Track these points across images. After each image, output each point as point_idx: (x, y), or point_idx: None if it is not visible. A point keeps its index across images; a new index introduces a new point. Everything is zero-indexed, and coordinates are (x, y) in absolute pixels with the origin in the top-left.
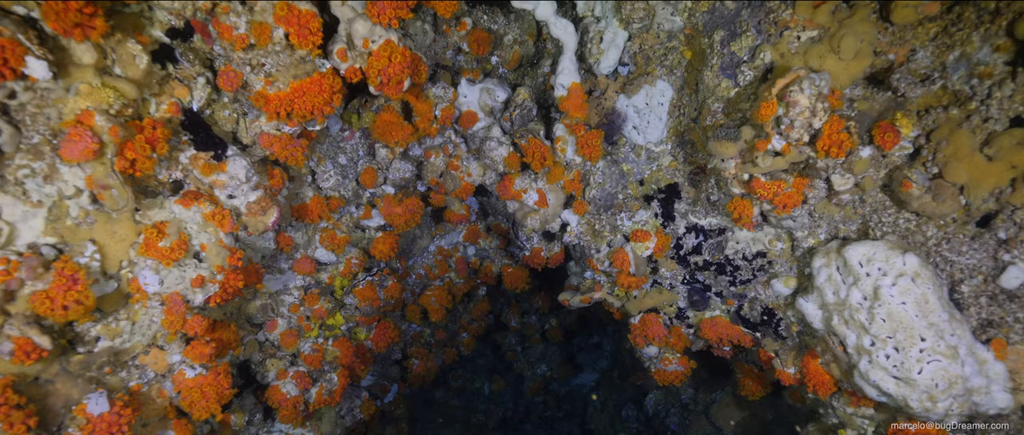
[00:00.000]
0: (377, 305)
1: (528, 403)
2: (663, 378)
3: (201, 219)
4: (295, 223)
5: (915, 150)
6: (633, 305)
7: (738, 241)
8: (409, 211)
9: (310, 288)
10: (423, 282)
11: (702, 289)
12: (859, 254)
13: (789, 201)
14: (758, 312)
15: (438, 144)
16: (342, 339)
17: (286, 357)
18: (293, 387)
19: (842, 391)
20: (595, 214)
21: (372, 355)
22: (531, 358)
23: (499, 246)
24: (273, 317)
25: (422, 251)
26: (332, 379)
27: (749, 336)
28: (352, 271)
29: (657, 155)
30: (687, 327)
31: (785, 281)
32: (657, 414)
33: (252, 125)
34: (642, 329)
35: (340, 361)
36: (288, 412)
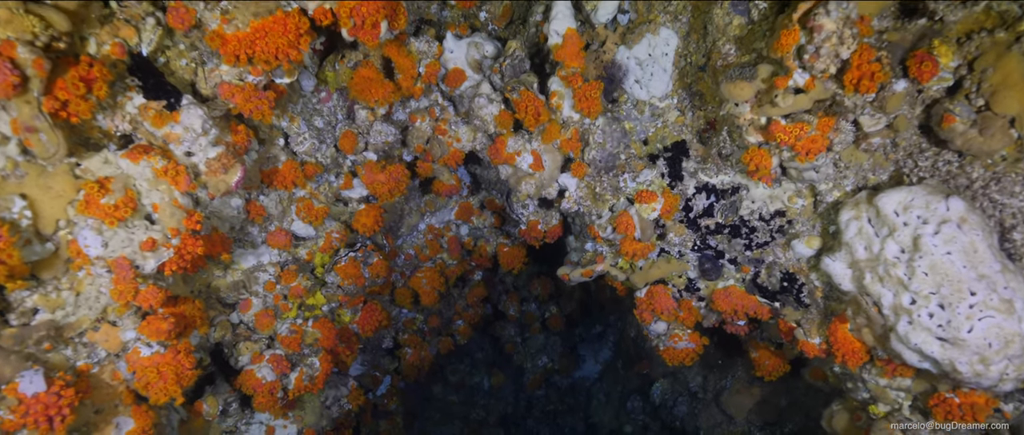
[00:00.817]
0: (362, 284)
1: (529, 397)
2: (673, 357)
3: (152, 175)
4: (267, 191)
5: (956, 82)
6: (639, 277)
7: (754, 200)
8: (393, 179)
9: (287, 264)
10: (413, 263)
11: (714, 256)
12: (894, 202)
13: (813, 146)
14: (777, 278)
15: (424, 107)
16: (323, 320)
17: (262, 340)
18: (269, 372)
19: (875, 360)
20: (595, 176)
21: (359, 340)
22: (531, 349)
23: (494, 225)
24: (247, 296)
25: (412, 229)
26: (313, 364)
27: (766, 307)
28: (333, 246)
29: (662, 111)
30: (698, 300)
31: (807, 241)
32: (664, 404)
33: (212, 75)
34: (649, 303)
35: (322, 344)
36: (265, 399)
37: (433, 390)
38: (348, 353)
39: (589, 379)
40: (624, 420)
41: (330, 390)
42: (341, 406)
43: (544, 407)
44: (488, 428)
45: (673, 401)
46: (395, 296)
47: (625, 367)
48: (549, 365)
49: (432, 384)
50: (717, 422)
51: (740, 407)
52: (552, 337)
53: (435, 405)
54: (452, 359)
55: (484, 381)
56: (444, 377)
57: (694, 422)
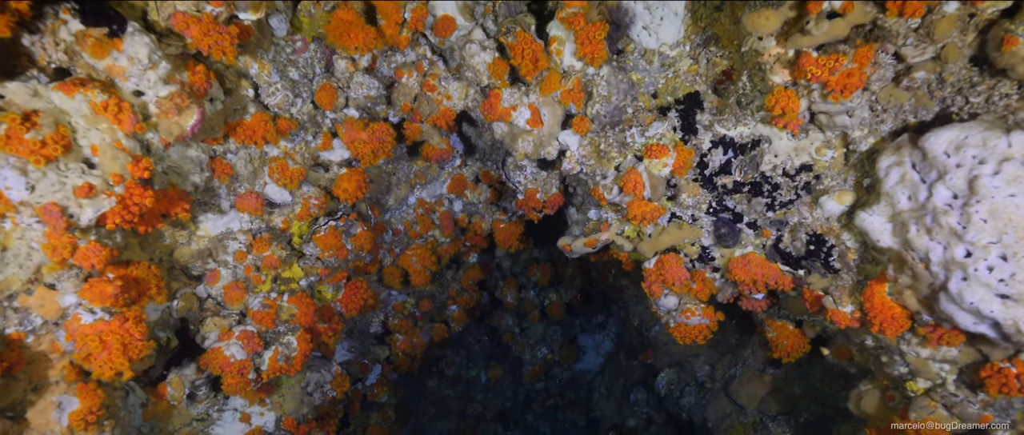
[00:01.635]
0: (344, 256)
1: (528, 391)
2: (684, 334)
3: (89, 111)
4: (234, 148)
5: (1015, 2)
6: (647, 245)
7: (777, 153)
8: (376, 139)
9: (259, 233)
10: (403, 241)
11: (731, 220)
12: (944, 141)
13: (849, 81)
14: (802, 242)
15: (411, 61)
16: (301, 295)
17: (232, 315)
18: (239, 350)
19: (916, 329)
20: (599, 132)
21: (342, 321)
22: (530, 339)
23: (489, 200)
24: (214, 266)
25: (400, 203)
26: (290, 343)
27: (789, 276)
28: (311, 214)
29: (673, 60)
30: (713, 271)
31: (838, 197)
32: (670, 394)
33: (165, 5)
34: (659, 273)
35: (299, 321)
36: (234, 380)
37: (428, 384)
38: (331, 334)
39: (590, 372)
40: (627, 414)
41: (312, 374)
42: (324, 393)
43: (544, 401)
44: (485, 423)
45: (680, 392)
46: (383, 276)
47: (628, 358)
48: (549, 356)
49: (427, 377)
50: (726, 413)
51: (751, 396)
52: (552, 326)
53: (430, 399)
54: (447, 350)
55: (481, 374)
56: (439, 370)
57: (702, 413)
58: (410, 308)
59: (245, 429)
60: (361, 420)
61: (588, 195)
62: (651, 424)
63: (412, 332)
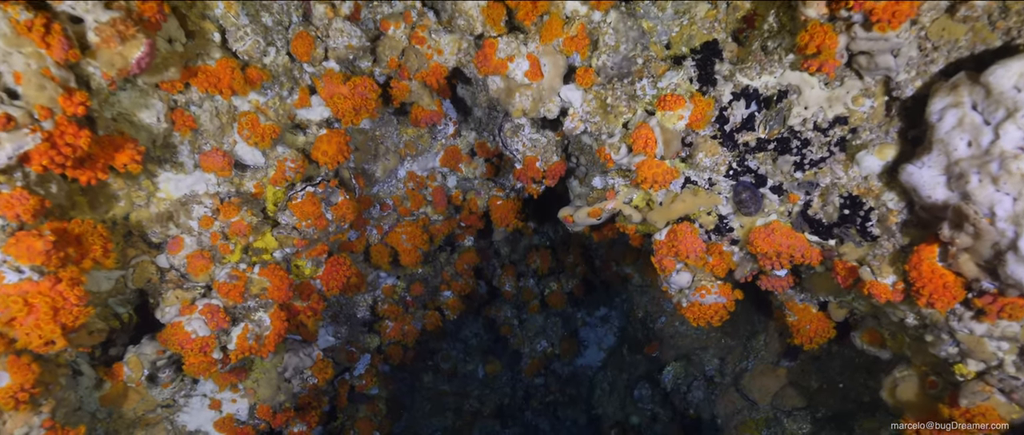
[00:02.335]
0: (323, 227)
1: (527, 386)
2: (698, 314)
3: (10, 31)
4: (198, 99)
5: None
6: (658, 214)
7: (807, 105)
8: (358, 94)
9: (229, 197)
10: (392, 217)
11: (753, 184)
12: (1014, 74)
13: (899, 7)
14: (835, 206)
15: (398, 11)
16: (274, 268)
17: (196, 288)
18: (201, 325)
19: (970, 302)
20: (606, 85)
21: (323, 300)
22: (529, 332)
23: (485, 175)
24: (177, 233)
25: (389, 174)
26: (262, 320)
27: (817, 248)
28: (286, 178)
29: (688, 5)
30: (731, 243)
31: (878, 151)
32: (677, 389)
33: None
34: (671, 245)
35: (272, 296)
36: (196, 360)
37: (422, 378)
38: (310, 314)
39: (592, 367)
40: (631, 410)
41: (290, 358)
42: (304, 379)
43: (543, 398)
44: (483, 420)
45: (687, 386)
46: (370, 255)
47: (632, 352)
48: (549, 350)
49: (421, 371)
50: (737, 409)
51: (764, 390)
52: (552, 318)
53: (425, 395)
54: (443, 343)
55: (478, 369)
56: (434, 364)
57: (711, 409)
58: (400, 292)
59: (214, 417)
60: (349, 413)
61: (592, 163)
62: (656, 421)
63: (403, 318)
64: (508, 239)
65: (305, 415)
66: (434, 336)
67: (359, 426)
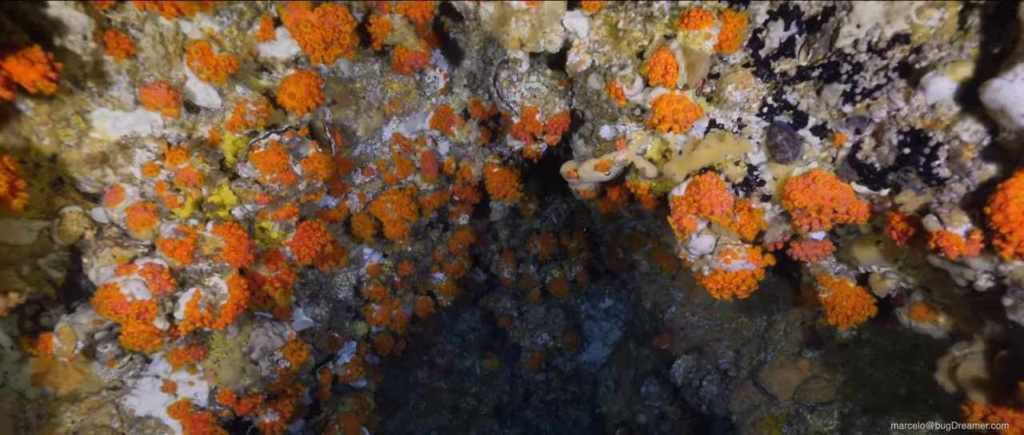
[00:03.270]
0: (291, 183)
1: (527, 383)
2: (722, 284)
3: None
4: (136, 19)
5: None
6: (677, 165)
7: (859, 22)
8: (329, 24)
9: (178, 142)
10: (376, 184)
11: (791, 125)
12: None
13: None
14: (892, 145)
15: None
16: (231, 226)
17: (139, 247)
18: (140, 288)
19: None
20: (617, 6)
21: (294, 270)
22: (530, 324)
23: (480, 141)
24: (115, 180)
25: (372, 134)
26: (217, 287)
27: (865, 203)
28: (247, 123)
29: None
30: (762, 199)
31: (950, 71)
32: (688, 384)
33: None
34: (692, 199)
35: (229, 259)
36: (135, 329)
37: (417, 374)
38: (278, 285)
39: (596, 364)
40: (638, 408)
41: (258, 336)
42: (274, 362)
43: (544, 395)
44: (480, 419)
45: (699, 381)
46: (351, 226)
47: (639, 346)
48: (550, 343)
49: (415, 367)
50: (754, 404)
51: (784, 384)
52: (554, 309)
53: (419, 391)
54: (439, 338)
55: (476, 365)
56: (429, 359)
57: (725, 405)
58: (387, 272)
59: (168, 401)
60: (333, 406)
61: (600, 116)
62: (664, 420)
63: (390, 302)
64: (507, 221)
65: (278, 404)
66: (427, 326)
67: (344, 420)
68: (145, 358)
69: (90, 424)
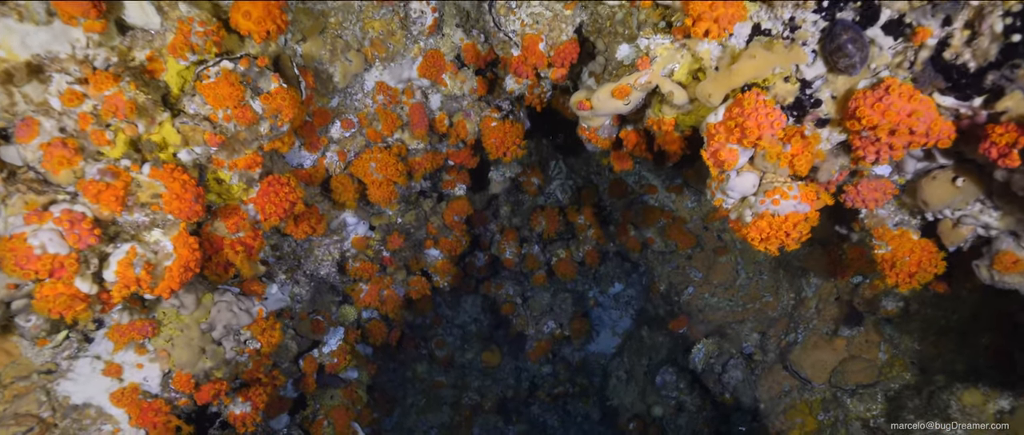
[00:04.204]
0: (249, 123)
1: (533, 376)
2: (768, 232)
3: None
4: None
5: None
6: (715, 84)
7: None
8: None
9: (106, 66)
10: (358, 141)
11: (857, 24)
12: None
13: None
14: (994, 33)
15: None
16: (172, 169)
17: (60, 193)
18: (54, 239)
19: None
20: None
21: (260, 233)
22: (535, 310)
23: (476, 93)
24: (26, 111)
25: (350, 80)
26: (160, 245)
27: (949, 121)
28: (192, 46)
29: None
30: (817, 124)
31: None
32: (710, 370)
33: None
34: (732, 125)
35: (171, 210)
36: (50, 292)
37: (416, 368)
38: (239, 250)
39: (605, 355)
40: (653, 400)
41: (220, 312)
42: (240, 342)
43: (551, 389)
44: (483, 415)
45: (722, 367)
46: (330, 188)
47: (652, 333)
48: (557, 331)
49: (414, 361)
50: (784, 390)
51: (819, 366)
52: (560, 294)
53: (418, 387)
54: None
55: (477, 358)
56: (428, 352)
57: (752, 392)
58: (375, 245)
59: (111, 386)
60: (320, 398)
61: (614, 42)
62: (682, 411)
63: (380, 281)
64: (509, 196)
65: (250, 393)
66: (424, 315)
67: (333, 415)
68: (85, 336)
69: (12, 414)
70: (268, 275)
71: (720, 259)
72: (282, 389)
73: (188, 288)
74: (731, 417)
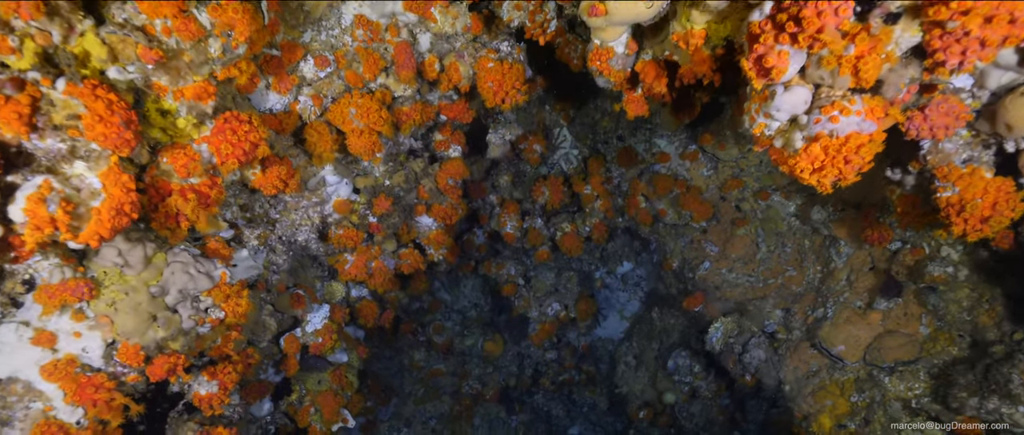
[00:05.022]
0: (193, 35)
1: (536, 362)
2: (820, 159)
3: None
4: None
5: None
6: None
7: None
8: None
9: None
10: (335, 84)
11: None
12: None
13: None
14: None
15: None
16: (93, 85)
17: None
18: None
19: None
20: None
21: (221, 184)
22: (538, 291)
23: (470, 32)
24: None
25: (327, 15)
26: (83, 179)
27: None
28: None
29: None
30: (888, 18)
31: None
32: (729, 350)
33: None
34: (783, 19)
35: (95, 136)
36: None
37: (413, 356)
38: (190, 198)
39: (613, 340)
40: (665, 386)
41: (173, 273)
42: (199, 310)
43: (555, 376)
44: (485, 404)
45: (742, 347)
46: (304, 136)
47: (664, 314)
48: (562, 314)
49: (411, 348)
50: (812, 370)
51: (852, 343)
52: (565, 274)
53: (416, 375)
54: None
55: (478, 344)
56: (426, 338)
57: (776, 373)
58: (360, 210)
59: (43, 358)
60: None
61: None
62: (696, 397)
63: (367, 251)
64: (509, 166)
65: (216, 371)
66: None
67: (320, 401)
68: (12, 300)
69: None
70: (238, 239)
71: (738, 231)
72: (263, 372)
73: (133, 242)
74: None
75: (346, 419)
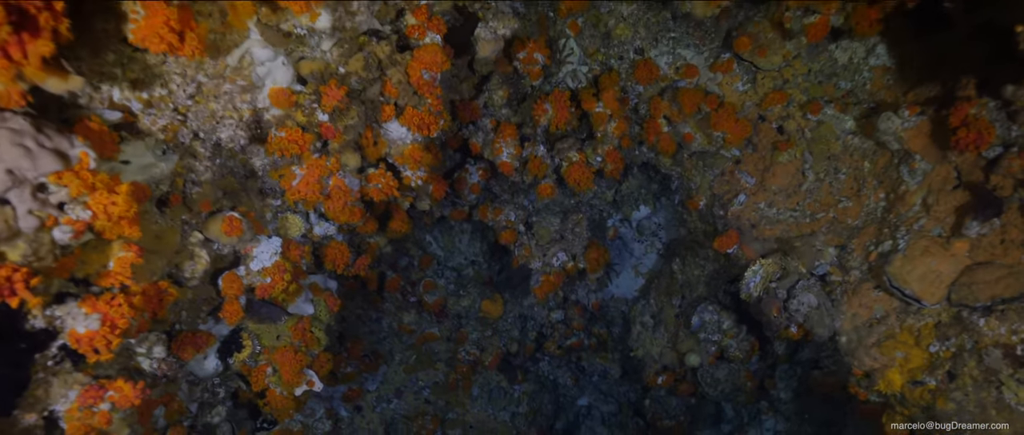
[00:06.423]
0: None
1: (541, 324)
2: None
3: None
4: None
5: None
6: None
7: None
8: None
9: None
10: None
11: None
12: None
13: None
14: None
15: None
16: None
17: None
18: None
19: None
20: None
21: (63, 17)
22: (541, 238)
23: None
24: None
25: None
26: None
27: None
28: None
29: None
30: None
31: None
32: (770, 296)
33: None
34: None
35: None
36: None
37: (402, 318)
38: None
39: (626, 300)
40: (687, 347)
41: None
42: (45, 203)
43: (562, 340)
44: (483, 372)
45: (787, 292)
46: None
47: (686, 265)
48: (569, 264)
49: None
50: (878, 316)
51: (932, 279)
52: (573, 216)
53: (406, 340)
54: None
55: (475, 306)
56: (417, 298)
57: (829, 321)
58: (306, 104)
59: None
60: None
61: None
62: (723, 360)
63: (319, 164)
64: (505, 80)
65: (98, 301)
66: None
67: (278, 359)
68: None
69: None
70: (131, 129)
71: (780, 157)
72: (201, 320)
73: None
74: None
75: (311, 381)
